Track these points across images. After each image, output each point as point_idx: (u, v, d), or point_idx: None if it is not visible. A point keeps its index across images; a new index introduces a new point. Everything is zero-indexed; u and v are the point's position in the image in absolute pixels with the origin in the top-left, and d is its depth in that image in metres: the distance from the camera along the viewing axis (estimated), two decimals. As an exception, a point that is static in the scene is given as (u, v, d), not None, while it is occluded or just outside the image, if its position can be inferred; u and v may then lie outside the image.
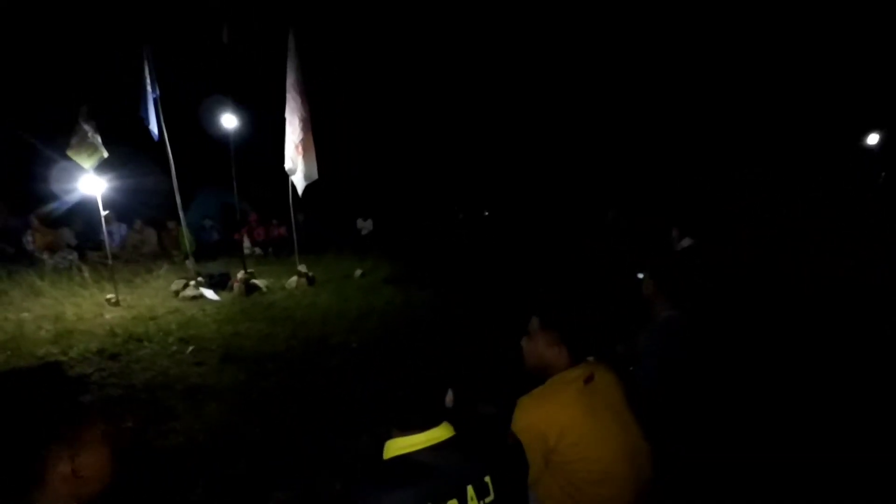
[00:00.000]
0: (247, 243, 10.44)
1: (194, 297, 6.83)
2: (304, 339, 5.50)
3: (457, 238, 11.73)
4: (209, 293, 6.87)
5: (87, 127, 6.10)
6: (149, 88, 6.45)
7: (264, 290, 7.32)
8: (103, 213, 6.50)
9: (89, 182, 6.34)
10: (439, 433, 1.37)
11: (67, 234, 9.18)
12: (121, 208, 9.24)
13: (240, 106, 6.96)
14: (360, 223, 12.39)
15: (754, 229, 6.96)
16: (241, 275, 7.20)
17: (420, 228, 12.36)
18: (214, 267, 8.81)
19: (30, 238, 8.61)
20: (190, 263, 7.33)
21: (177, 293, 6.92)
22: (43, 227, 8.80)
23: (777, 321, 4.66)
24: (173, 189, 6.98)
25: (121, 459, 1.35)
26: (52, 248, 8.80)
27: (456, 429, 1.43)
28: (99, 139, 6.18)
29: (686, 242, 4.56)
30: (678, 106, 13.94)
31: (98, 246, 9.66)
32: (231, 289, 7.24)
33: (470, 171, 14.12)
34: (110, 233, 9.73)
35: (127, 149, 7.14)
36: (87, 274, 7.38)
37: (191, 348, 5.18)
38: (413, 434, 1.35)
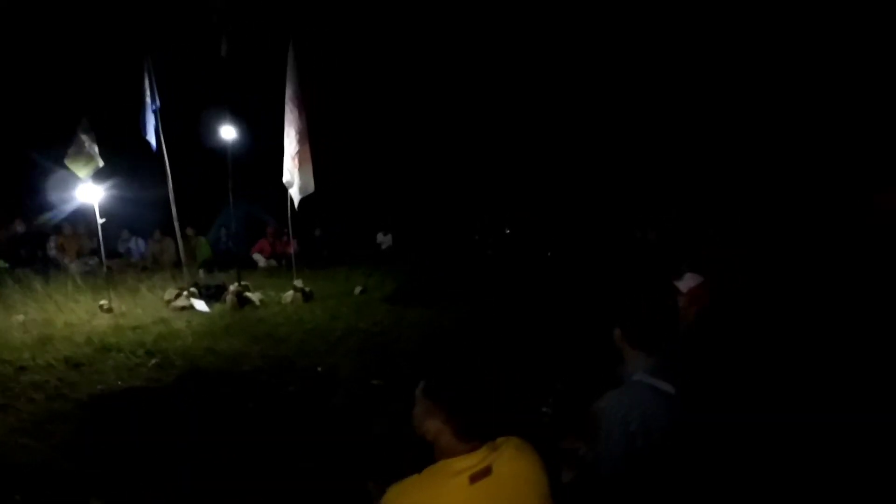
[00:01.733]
0: (261, 256, 10.44)
1: (184, 308, 6.75)
2: (275, 359, 5.23)
3: (475, 256, 11.30)
4: (199, 304, 6.78)
5: (84, 137, 6.18)
6: (148, 100, 6.51)
7: (257, 303, 7.16)
8: (100, 220, 6.57)
9: (87, 191, 6.42)
10: None
11: (90, 241, 9.50)
12: (140, 220, 9.51)
13: (239, 118, 6.93)
14: (380, 237, 12.21)
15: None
16: (233, 287, 7.07)
17: (438, 245, 12.01)
18: (224, 278, 8.81)
19: (52, 244, 8.97)
20: (201, 273, 7.28)
21: (168, 303, 6.87)
22: (69, 234, 9.16)
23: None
24: (185, 199, 7.03)
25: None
26: (76, 254, 9.13)
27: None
28: (96, 149, 6.25)
29: (690, 281, 3.00)
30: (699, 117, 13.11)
31: (119, 254, 10.01)
32: (225, 301, 7.12)
33: (491, 186, 13.73)
34: (128, 248, 10.10)
35: (132, 160, 7.23)
36: (79, 280, 7.48)
37: (153, 362, 5.03)
38: None
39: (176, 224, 6.96)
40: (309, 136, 6.86)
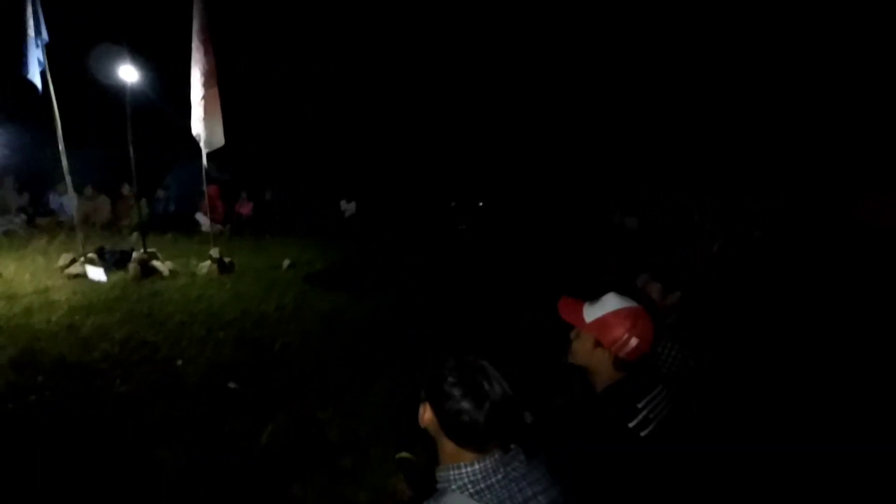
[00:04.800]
0: (204, 220, 9.60)
1: (77, 276, 6.00)
2: (135, 345, 4.46)
3: (446, 229, 10.37)
4: (94, 273, 6.00)
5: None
6: (31, 32, 5.57)
7: (165, 273, 6.38)
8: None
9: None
10: None
11: (16, 198, 8.77)
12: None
13: (143, 55, 5.90)
14: (343, 205, 11.29)
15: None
16: (136, 255, 6.28)
17: (406, 215, 11.07)
18: (156, 244, 8.08)
19: (-26, 200, 8.25)
20: (134, 236, 6.47)
21: (62, 269, 6.12)
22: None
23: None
24: (129, 154, 6.17)
25: None
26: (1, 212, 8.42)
27: None
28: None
29: (598, 310, 1.74)
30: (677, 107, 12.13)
31: (49, 212, 9.28)
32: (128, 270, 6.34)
33: (464, 157, 12.65)
34: (60, 204, 9.34)
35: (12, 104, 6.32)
36: None
37: (-11, 345, 4.30)
38: None
39: (67, 179, 6.08)
40: (218, 79, 5.88)
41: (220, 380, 3.84)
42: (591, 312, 1.70)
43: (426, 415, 1.25)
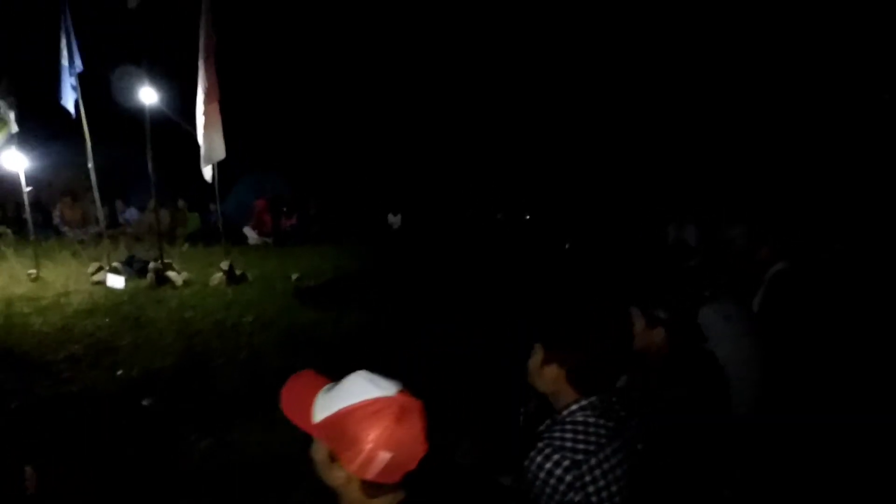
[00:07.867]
0: (251, 233, 10.03)
1: (99, 283, 6.44)
2: (101, 350, 4.60)
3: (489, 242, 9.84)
4: (112, 280, 6.39)
5: (1, 102, 6.01)
6: (65, 62, 6.15)
7: (178, 283, 6.63)
8: (26, 189, 6.44)
9: (10, 158, 6.30)
10: None
11: (95, 211, 9.82)
12: (131, 190, 9.63)
13: (160, 77, 6.27)
14: (390, 218, 11.24)
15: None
16: (152, 265, 6.61)
17: (450, 229, 10.69)
18: (196, 255, 8.58)
19: (58, 212, 9.36)
20: (185, 247, 6.86)
21: (91, 276, 6.62)
22: (73, 202, 9.51)
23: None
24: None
25: None
26: (80, 223, 9.49)
27: None
28: (12, 115, 6.06)
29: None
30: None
31: (119, 224, 10.28)
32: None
33: (510, 171, 11.99)
34: (125, 218, 10.30)
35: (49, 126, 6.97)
36: (2, 247, 7.51)
37: (-19, 340, 4.67)
38: None
39: (96, 192, 6.61)
40: (220, 92, 6.04)
41: (141, 393, 3.77)
42: (325, 405, 1.03)
43: None
